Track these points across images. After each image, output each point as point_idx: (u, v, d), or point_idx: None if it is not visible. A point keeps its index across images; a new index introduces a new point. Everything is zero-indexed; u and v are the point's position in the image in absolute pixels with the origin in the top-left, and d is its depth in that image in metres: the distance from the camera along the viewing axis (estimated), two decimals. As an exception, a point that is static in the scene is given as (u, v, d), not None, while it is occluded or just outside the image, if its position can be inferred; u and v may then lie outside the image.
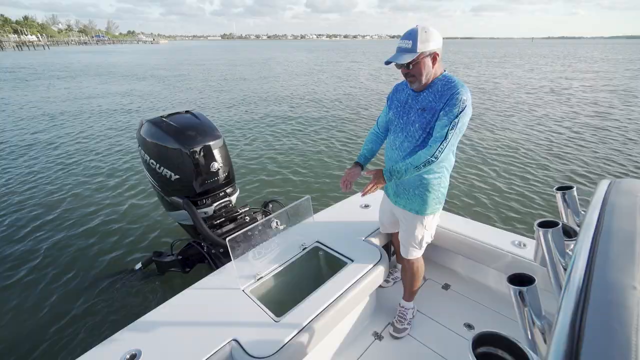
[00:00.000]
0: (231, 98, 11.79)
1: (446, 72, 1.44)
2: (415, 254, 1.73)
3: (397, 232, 1.94)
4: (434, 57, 1.35)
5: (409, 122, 1.48)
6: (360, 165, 1.70)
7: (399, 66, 1.38)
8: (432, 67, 1.38)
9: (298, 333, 1.35)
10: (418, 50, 1.31)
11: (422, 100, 1.44)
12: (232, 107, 10.19)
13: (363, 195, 1.54)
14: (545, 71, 20.60)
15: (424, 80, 1.40)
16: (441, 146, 1.36)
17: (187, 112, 2.51)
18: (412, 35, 1.32)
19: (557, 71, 20.58)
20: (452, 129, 1.34)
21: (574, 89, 13.24)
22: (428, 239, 1.71)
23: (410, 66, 1.35)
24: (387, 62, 1.38)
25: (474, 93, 11.76)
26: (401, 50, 1.34)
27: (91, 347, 1.30)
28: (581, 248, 0.64)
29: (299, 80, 16.77)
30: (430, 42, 1.32)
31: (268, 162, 5.72)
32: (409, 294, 1.88)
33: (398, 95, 1.58)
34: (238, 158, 5.84)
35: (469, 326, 1.86)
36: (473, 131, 7.14)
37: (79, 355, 1.25)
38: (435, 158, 1.37)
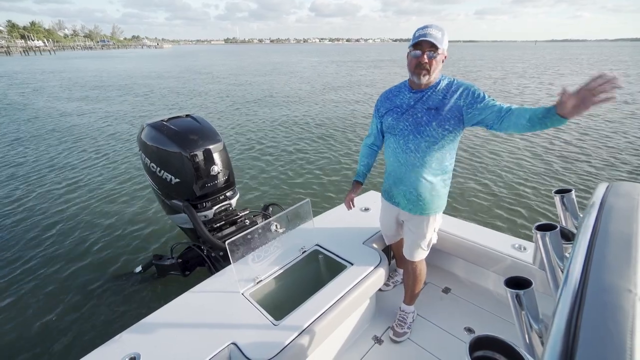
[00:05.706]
0: (232, 102, 11.84)
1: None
2: (422, 256, 1.73)
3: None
4: (444, 58, 1.39)
5: (420, 123, 1.44)
6: (360, 184, 1.75)
7: (427, 45, 1.33)
8: (439, 68, 1.40)
9: (297, 336, 1.34)
10: (443, 45, 1.33)
11: (429, 100, 1.43)
12: (232, 111, 10.23)
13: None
14: (543, 74, 20.59)
15: (432, 76, 1.39)
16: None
17: (187, 115, 2.53)
18: (440, 29, 1.34)
19: (556, 74, 20.56)
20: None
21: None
22: (435, 239, 1.72)
23: (433, 54, 1.33)
24: (419, 37, 1.32)
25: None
26: (431, 36, 1.31)
27: (90, 351, 1.30)
28: (578, 250, 0.63)
29: (300, 85, 16.84)
30: (445, 43, 1.35)
31: (268, 165, 5.73)
32: (410, 298, 1.86)
33: (392, 102, 1.56)
34: (238, 162, 5.86)
35: (470, 330, 1.85)
36: (473, 135, 7.13)
37: (77, 359, 1.25)
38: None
